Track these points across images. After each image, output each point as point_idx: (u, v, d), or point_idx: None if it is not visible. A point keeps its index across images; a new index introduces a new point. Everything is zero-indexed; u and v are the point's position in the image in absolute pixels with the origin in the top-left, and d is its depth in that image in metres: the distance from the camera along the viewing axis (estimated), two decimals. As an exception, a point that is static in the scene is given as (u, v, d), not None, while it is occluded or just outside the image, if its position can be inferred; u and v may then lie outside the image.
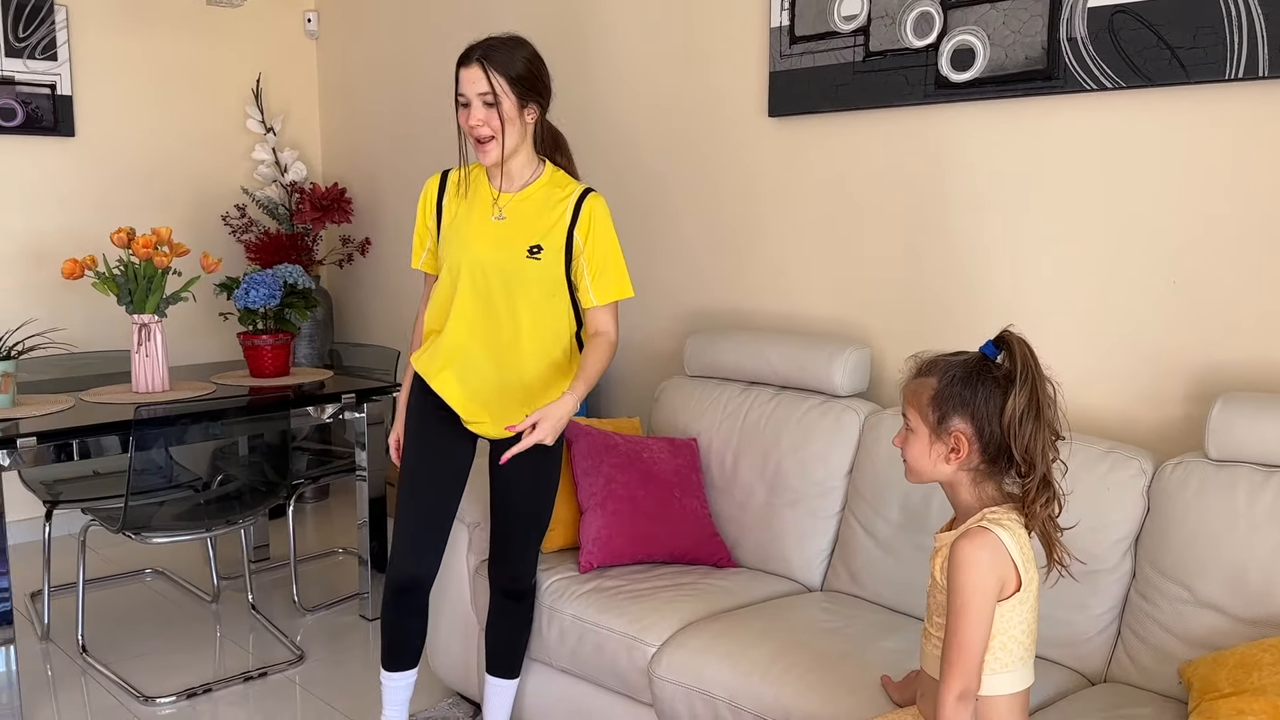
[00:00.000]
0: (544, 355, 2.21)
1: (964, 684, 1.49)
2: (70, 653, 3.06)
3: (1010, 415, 1.51)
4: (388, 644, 2.30)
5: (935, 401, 1.57)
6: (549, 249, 2.17)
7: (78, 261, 2.97)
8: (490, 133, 2.11)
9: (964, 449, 1.55)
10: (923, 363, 1.63)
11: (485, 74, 2.09)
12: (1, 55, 3.90)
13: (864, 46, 2.65)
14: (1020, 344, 1.54)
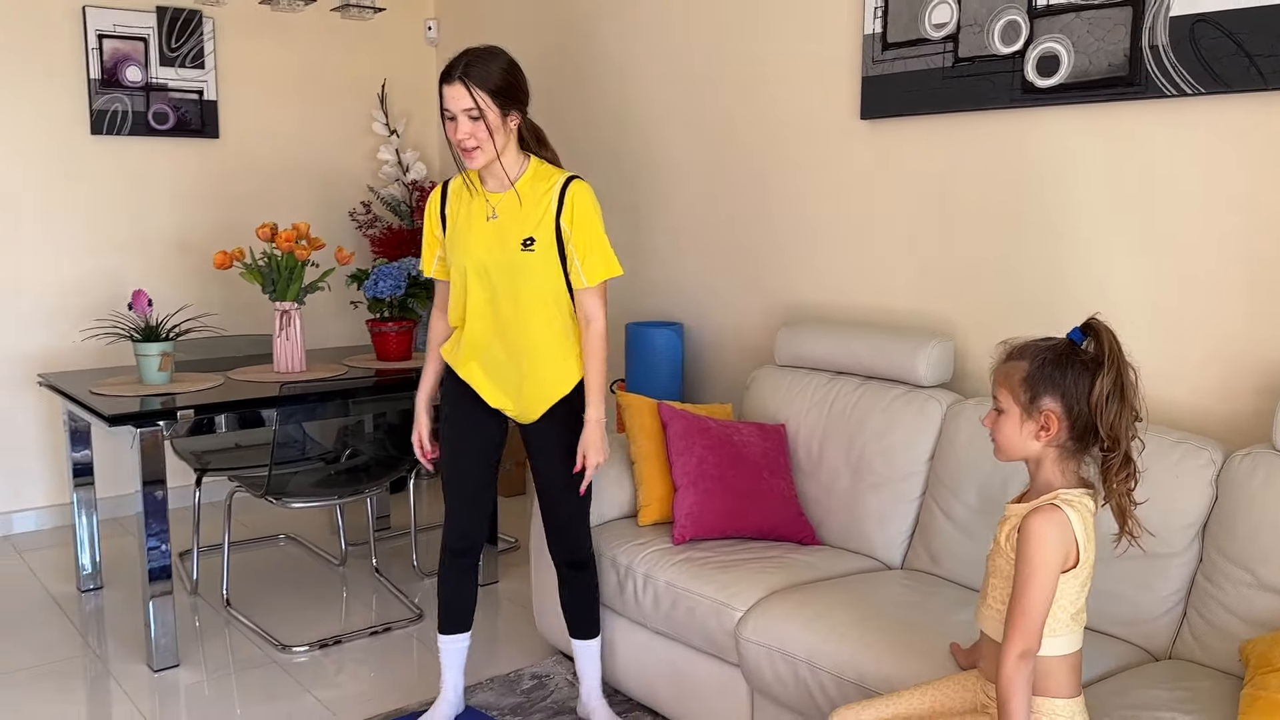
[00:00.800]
0: (554, 340, 2.41)
1: (1025, 644, 1.63)
2: (215, 606, 3.40)
3: (1097, 395, 1.64)
4: (445, 607, 2.56)
5: (1027, 382, 1.70)
6: (541, 240, 2.34)
7: (228, 254, 3.29)
8: (476, 144, 2.28)
9: (1054, 427, 1.68)
10: (1013, 347, 1.77)
11: (468, 90, 2.24)
12: (156, 64, 4.30)
13: (953, 53, 2.78)
14: (1106, 330, 1.67)
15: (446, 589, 2.56)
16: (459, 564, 2.55)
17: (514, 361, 2.41)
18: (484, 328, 2.41)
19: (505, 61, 2.32)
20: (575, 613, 2.60)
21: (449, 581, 2.56)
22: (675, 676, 2.55)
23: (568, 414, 2.44)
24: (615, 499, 2.88)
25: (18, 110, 4.02)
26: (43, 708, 2.73)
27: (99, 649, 3.09)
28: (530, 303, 2.38)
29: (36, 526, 4.21)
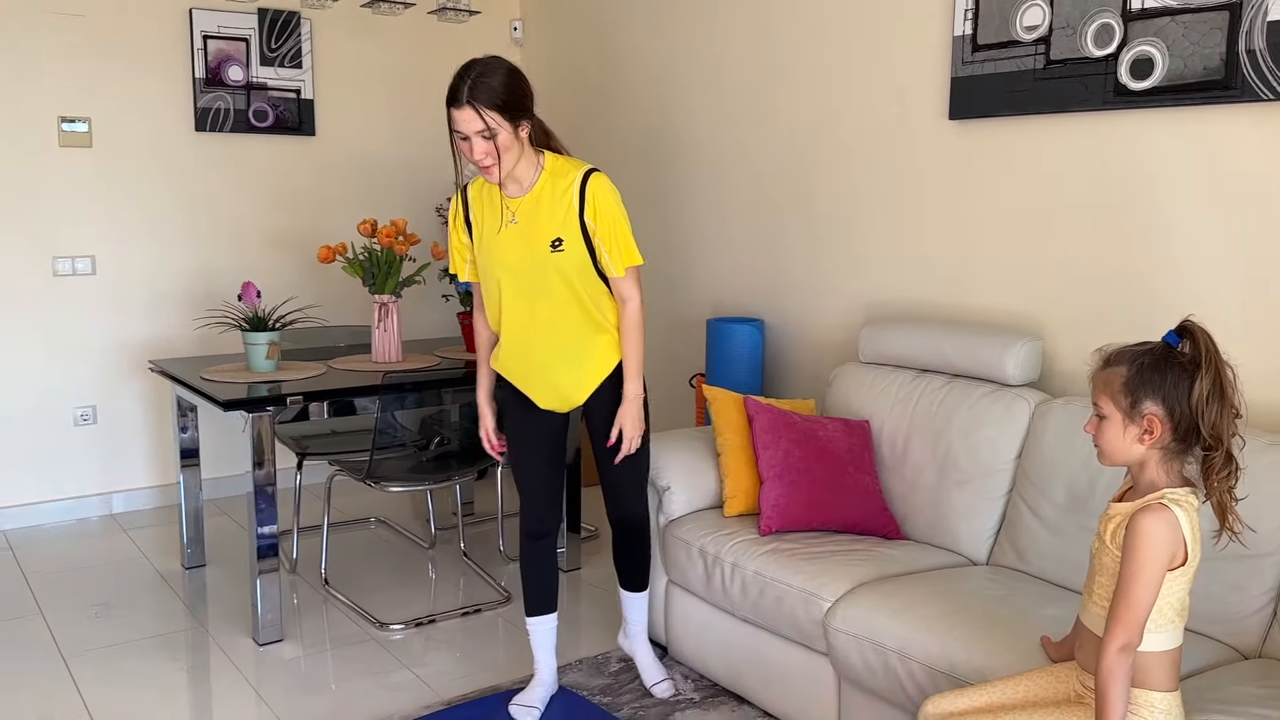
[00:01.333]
0: (590, 334, 2.51)
1: (1127, 638, 1.67)
2: (313, 584, 3.56)
3: (1198, 396, 1.68)
4: (530, 590, 2.67)
5: (1127, 388, 1.74)
6: (568, 239, 2.42)
7: (331, 248, 3.44)
8: (493, 161, 2.31)
9: (1157, 430, 1.72)
10: (1109, 354, 1.80)
11: (477, 113, 2.25)
12: (257, 64, 4.47)
13: (1045, 55, 2.80)
14: (1201, 332, 1.70)
15: (529, 572, 2.67)
16: (538, 546, 2.66)
17: (554, 360, 2.51)
18: (522, 331, 2.50)
19: (506, 73, 2.32)
20: (629, 568, 2.77)
21: (530, 564, 2.67)
22: (761, 663, 2.63)
23: (617, 386, 2.57)
24: (701, 490, 2.95)
25: (128, 109, 4.22)
26: (157, 676, 2.90)
27: (205, 623, 3.25)
28: (564, 300, 2.47)
29: (139, 506, 4.42)
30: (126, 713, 2.69)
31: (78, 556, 3.84)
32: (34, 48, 4.01)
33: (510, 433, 2.64)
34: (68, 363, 4.22)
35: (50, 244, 4.13)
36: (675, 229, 4.19)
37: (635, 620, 2.82)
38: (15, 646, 3.07)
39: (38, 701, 2.74)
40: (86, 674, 2.90)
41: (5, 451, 4.13)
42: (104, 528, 4.17)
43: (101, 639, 3.12)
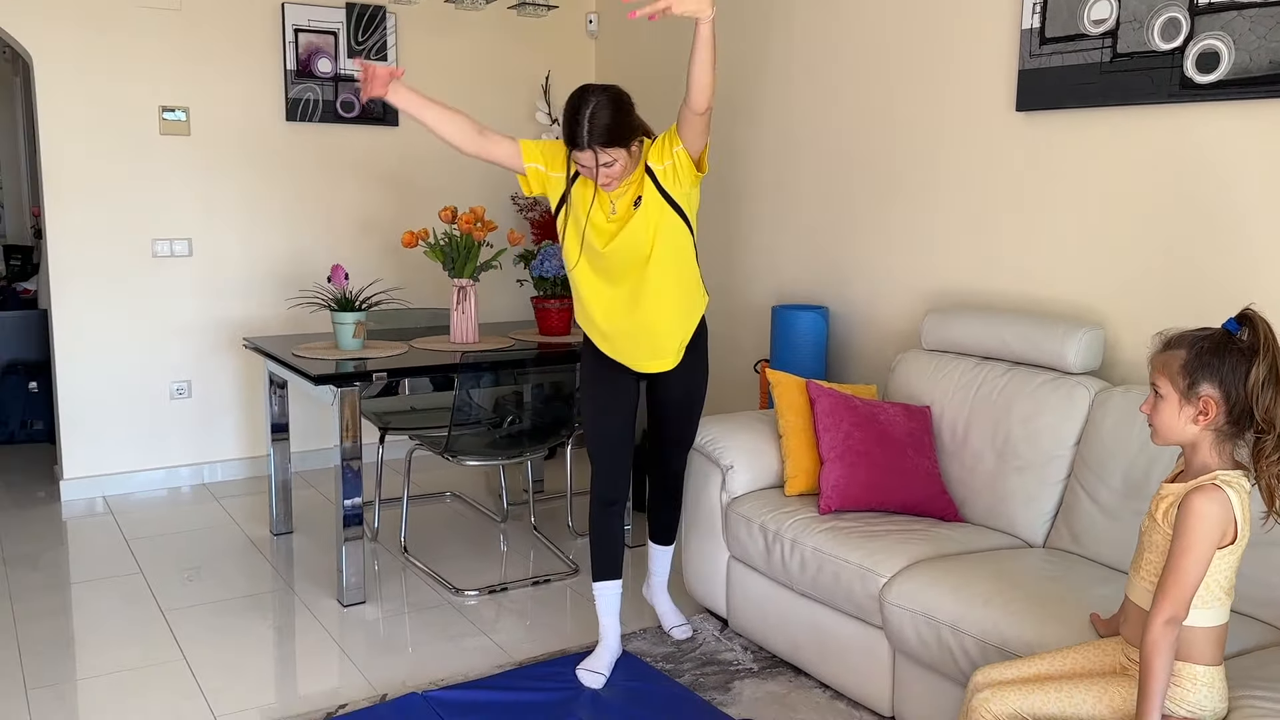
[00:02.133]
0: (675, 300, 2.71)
1: (1174, 611, 1.74)
2: (393, 551, 3.75)
3: (1254, 382, 1.74)
4: (598, 555, 2.84)
5: (1185, 370, 1.80)
6: (646, 194, 2.60)
7: (414, 234, 3.61)
8: (612, 180, 2.56)
9: (1212, 412, 1.78)
10: (1170, 337, 1.87)
11: (595, 153, 2.48)
12: (345, 56, 4.67)
13: (1111, 48, 2.84)
14: (1261, 320, 1.76)
15: (599, 538, 2.83)
16: (608, 511, 2.83)
17: (640, 328, 2.72)
18: (603, 303, 2.72)
19: (613, 107, 2.49)
20: (662, 523, 3.08)
21: (600, 531, 2.83)
22: (818, 636, 2.73)
23: (690, 361, 2.82)
24: (763, 470, 3.06)
25: (223, 99, 4.45)
26: (248, 631, 3.10)
27: (292, 585, 3.46)
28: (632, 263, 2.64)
29: (230, 476, 4.67)
30: (220, 662, 2.90)
31: (174, 522, 4.09)
32: (136, 42, 4.26)
33: (589, 399, 2.82)
34: (165, 339, 4.47)
35: (150, 227, 4.38)
36: (742, 218, 4.28)
37: (660, 571, 3.11)
38: (119, 601, 3.31)
39: (140, 651, 2.96)
40: (184, 628, 3.12)
41: (107, 423, 4.40)
42: (197, 496, 4.43)
43: (196, 597, 3.35)
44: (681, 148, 2.57)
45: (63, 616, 3.19)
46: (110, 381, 4.39)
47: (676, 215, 2.64)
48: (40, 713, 2.62)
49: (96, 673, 2.83)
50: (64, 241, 4.23)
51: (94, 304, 4.31)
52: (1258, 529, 2.13)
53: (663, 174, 2.60)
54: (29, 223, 7.57)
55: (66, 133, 4.17)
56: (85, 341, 4.32)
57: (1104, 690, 1.87)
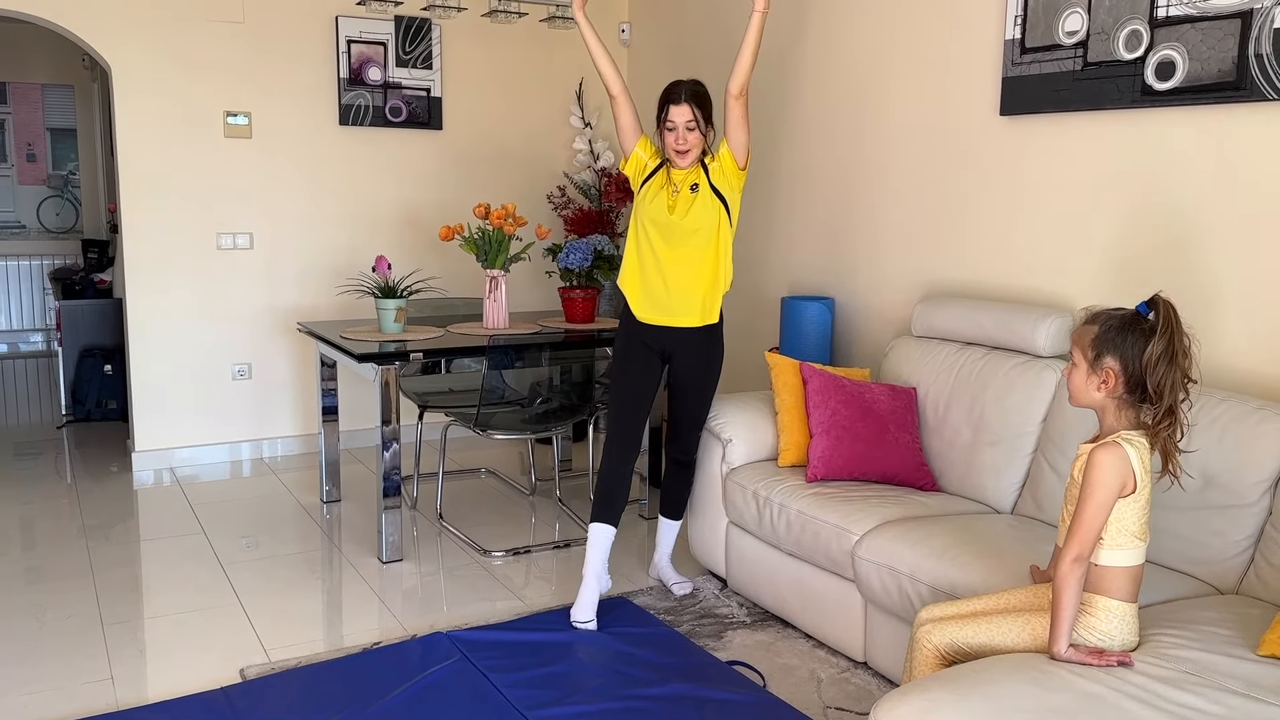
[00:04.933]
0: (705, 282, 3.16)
1: (1079, 551, 2.00)
2: (430, 518, 4.11)
3: (1149, 357, 1.99)
4: (600, 499, 3.17)
5: (1094, 343, 2.07)
6: (701, 183, 3.13)
7: (450, 228, 3.96)
8: (689, 148, 3.11)
9: (1112, 381, 2.04)
10: (1090, 314, 2.13)
11: (692, 109, 3.07)
12: (393, 66, 5.05)
13: (1082, 58, 3.09)
14: (1166, 305, 2.01)
15: (604, 484, 3.17)
16: (619, 465, 3.17)
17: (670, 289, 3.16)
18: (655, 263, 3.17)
19: (706, 90, 3.13)
20: (673, 498, 3.41)
21: (606, 478, 3.18)
22: (801, 590, 3.01)
23: (707, 344, 3.21)
24: (759, 444, 3.35)
25: (282, 104, 4.85)
26: (298, 583, 3.47)
27: (339, 545, 3.83)
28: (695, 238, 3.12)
29: (285, 452, 5.07)
30: (273, 609, 3.26)
31: (234, 491, 4.49)
32: (204, 53, 4.67)
33: (617, 373, 3.22)
34: (228, 325, 4.88)
35: (215, 221, 4.80)
36: (759, 217, 4.57)
37: (665, 544, 3.46)
38: (184, 557, 3.70)
39: (203, 598, 3.34)
40: (241, 580, 3.49)
41: (174, 401, 4.82)
42: (255, 469, 4.83)
43: (253, 554, 3.73)
44: (726, 149, 3.13)
45: (134, 567, 3.58)
46: (178, 364, 4.80)
47: (721, 205, 3.14)
48: (115, 644, 3.00)
49: (163, 613, 3.22)
50: (137, 235, 4.65)
51: (164, 293, 4.73)
52: (1187, 498, 2.39)
53: (714, 170, 3.15)
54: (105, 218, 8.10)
55: (141, 135, 4.59)
56: (156, 327, 4.74)
57: (1027, 623, 2.13)
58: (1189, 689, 1.82)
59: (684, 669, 2.79)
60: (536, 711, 2.56)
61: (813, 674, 2.82)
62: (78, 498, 4.37)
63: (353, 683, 2.70)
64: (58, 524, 4.02)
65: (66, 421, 5.76)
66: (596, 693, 2.66)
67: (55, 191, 8.82)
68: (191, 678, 2.80)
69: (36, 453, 5.11)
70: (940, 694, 1.80)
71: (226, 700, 2.61)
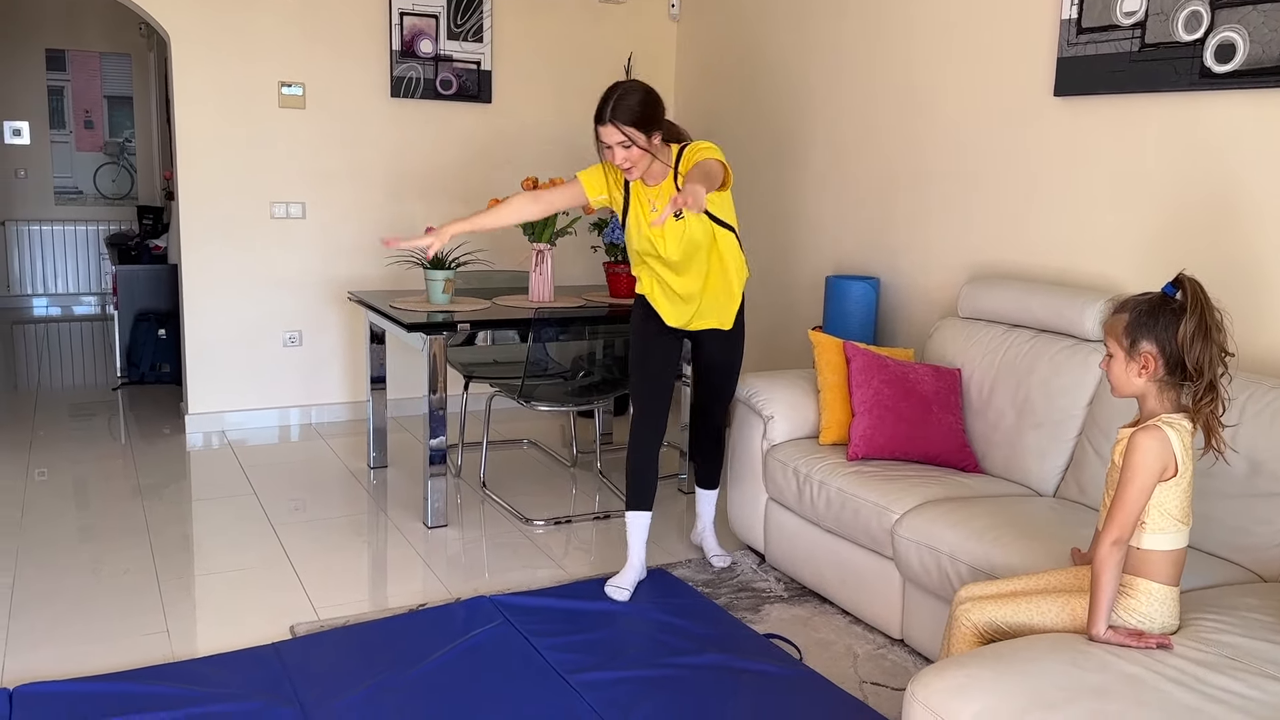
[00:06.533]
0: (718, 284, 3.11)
1: (1119, 533, 2.01)
2: (473, 486, 4.18)
3: (1183, 336, 1.99)
4: (632, 488, 3.18)
5: (1128, 330, 2.07)
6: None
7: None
8: (630, 165, 2.89)
9: (1152, 365, 2.04)
10: (1118, 302, 2.13)
11: (617, 128, 2.82)
12: (445, 39, 5.09)
13: (1140, 39, 3.05)
14: (1191, 282, 2.00)
15: (633, 473, 3.17)
16: (650, 455, 3.17)
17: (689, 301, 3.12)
18: (665, 285, 3.11)
19: (642, 94, 2.85)
20: (708, 470, 3.46)
21: (635, 466, 3.17)
22: (839, 567, 3.04)
23: (732, 329, 3.20)
24: (800, 421, 3.37)
25: (335, 76, 4.91)
26: (347, 546, 3.56)
27: (385, 509, 3.91)
28: (695, 259, 3.04)
29: (333, 419, 5.17)
30: (321, 568, 3.35)
31: (283, 455, 4.59)
32: (260, 23, 4.74)
33: (637, 350, 3.20)
34: (280, 293, 4.98)
35: (268, 191, 4.88)
36: (802, 193, 4.57)
37: (705, 513, 3.49)
38: (236, 517, 3.80)
39: (254, 556, 3.44)
40: (291, 540, 3.58)
41: (227, 366, 4.93)
42: (304, 434, 4.94)
43: (302, 516, 3.82)
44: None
45: (186, 526, 3.69)
46: (230, 330, 4.91)
47: (709, 219, 3.01)
48: (170, 599, 3.10)
49: (215, 570, 3.32)
50: (193, 203, 4.75)
51: (218, 260, 4.83)
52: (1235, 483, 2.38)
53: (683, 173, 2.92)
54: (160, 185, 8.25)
55: (198, 105, 4.68)
56: (209, 293, 4.84)
57: (1066, 603, 2.14)
58: (1228, 673, 1.83)
59: (721, 640, 2.83)
60: (577, 675, 2.61)
61: (849, 649, 2.85)
62: (132, 458, 4.49)
63: (399, 642, 2.78)
64: (112, 483, 4.15)
65: (121, 384, 5.91)
66: (635, 660, 2.71)
67: (111, 158, 9.00)
68: (243, 633, 2.89)
69: (91, 414, 5.25)
70: (978, 670, 1.82)
71: (277, 655, 2.70)
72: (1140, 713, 1.69)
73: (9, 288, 8.64)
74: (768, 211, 4.81)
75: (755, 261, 4.94)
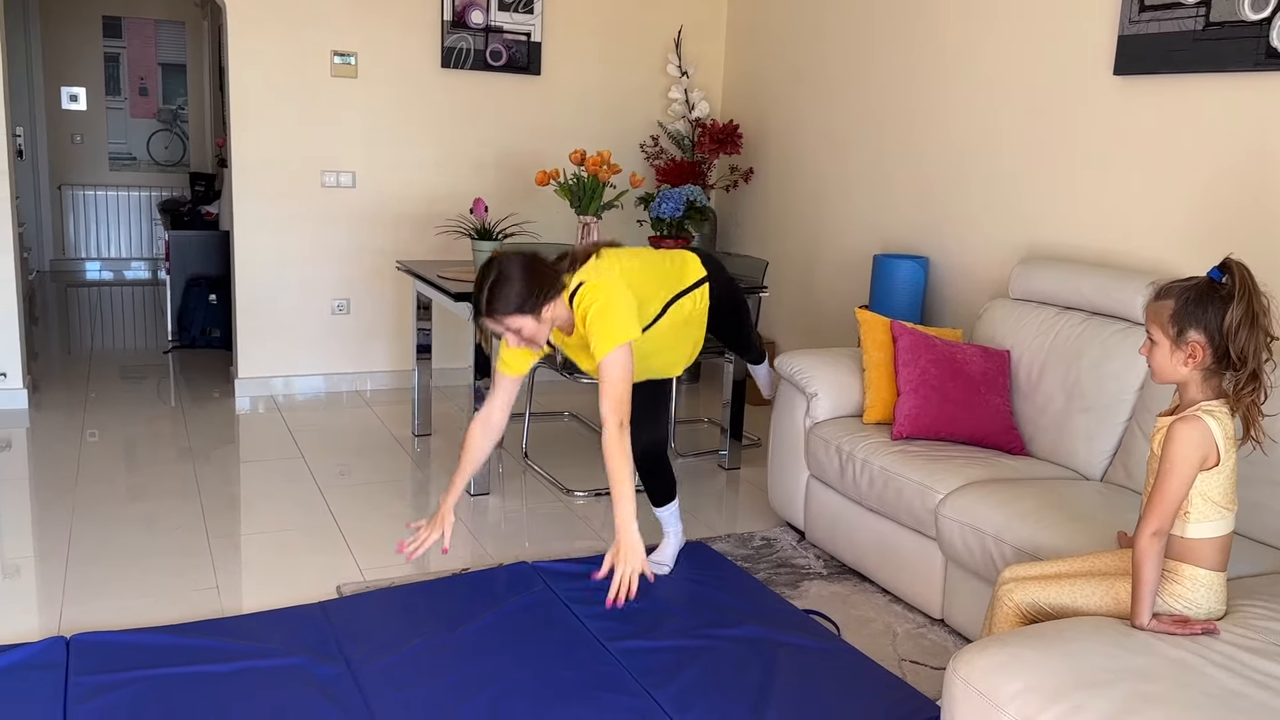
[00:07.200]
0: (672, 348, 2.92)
1: (1159, 524, 1.99)
2: (515, 457, 4.22)
3: (1229, 324, 1.95)
4: (652, 489, 3.11)
5: (1174, 318, 2.03)
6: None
7: (546, 173, 4.01)
8: (528, 341, 2.58)
9: (1200, 355, 2.01)
10: (1160, 288, 2.08)
11: (499, 322, 2.53)
12: (495, 10, 5.09)
13: (1204, 17, 2.98)
14: (1239, 267, 1.96)
15: (649, 475, 3.11)
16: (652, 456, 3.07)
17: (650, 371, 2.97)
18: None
19: (519, 281, 2.48)
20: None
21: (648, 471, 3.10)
22: (880, 545, 3.04)
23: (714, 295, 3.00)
24: (844, 400, 3.36)
25: (387, 45, 4.94)
26: (388, 507, 3.61)
27: (428, 475, 3.96)
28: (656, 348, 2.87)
29: (379, 386, 5.24)
30: (365, 529, 3.41)
31: (331, 419, 4.66)
32: (317, -7, 4.78)
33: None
34: (329, 261, 5.04)
35: (320, 159, 4.93)
36: (850, 171, 4.53)
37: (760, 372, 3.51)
38: (284, 478, 3.87)
39: (301, 517, 3.50)
40: (336, 502, 3.65)
41: (277, 332, 5.00)
42: (351, 401, 5.01)
43: (348, 480, 3.88)
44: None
45: (235, 487, 3.76)
46: (280, 297, 4.98)
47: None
48: (220, 557, 3.17)
49: (263, 530, 3.38)
50: (245, 170, 4.81)
51: (269, 226, 4.90)
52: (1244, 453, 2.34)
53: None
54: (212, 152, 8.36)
55: (251, 72, 4.73)
56: (260, 260, 4.91)
57: (1110, 586, 2.13)
58: (1276, 659, 1.81)
59: (760, 614, 2.85)
60: (616, 643, 2.64)
61: (888, 627, 2.85)
62: (183, 420, 4.58)
63: (442, 605, 2.82)
64: (162, 445, 4.24)
65: (172, 347, 6.02)
66: (674, 630, 2.73)
67: (165, 125, 9.13)
68: (290, 592, 2.95)
69: (142, 377, 5.36)
70: (1020, 649, 1.82)
71: (324, 614, 2.75)
72: (1182, 694, 1.69)
73: (64, 251, 8.82)
74: (814, 187, 4.78)
75: (801, 238, 4.92)
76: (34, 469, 3.86)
